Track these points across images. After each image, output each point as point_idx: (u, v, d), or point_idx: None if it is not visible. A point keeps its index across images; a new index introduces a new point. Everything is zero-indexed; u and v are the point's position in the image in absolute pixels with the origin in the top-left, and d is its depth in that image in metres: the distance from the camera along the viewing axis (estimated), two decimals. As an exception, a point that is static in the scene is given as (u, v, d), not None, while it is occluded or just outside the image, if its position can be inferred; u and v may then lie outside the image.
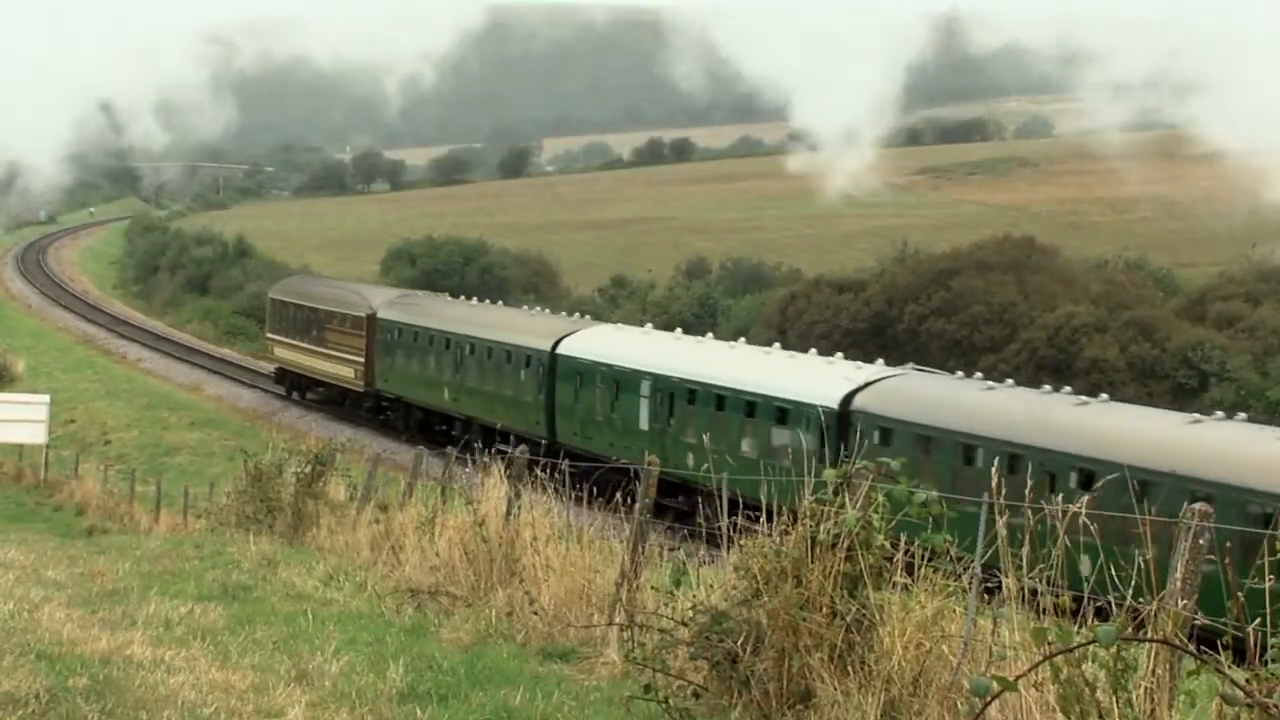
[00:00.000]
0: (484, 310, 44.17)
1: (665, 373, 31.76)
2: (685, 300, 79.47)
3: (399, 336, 43.61)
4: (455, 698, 7.28)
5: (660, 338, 36.42)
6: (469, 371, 39.89)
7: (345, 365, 46.09)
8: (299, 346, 49.60)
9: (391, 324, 44.13)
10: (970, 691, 4.88)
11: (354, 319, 45.78)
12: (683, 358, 32.47)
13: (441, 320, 42.39)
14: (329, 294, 50.00)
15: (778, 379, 29.28)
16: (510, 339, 38.27)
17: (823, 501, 6.97)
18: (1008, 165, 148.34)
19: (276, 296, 53.58)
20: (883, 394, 27.02)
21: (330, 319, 47.36)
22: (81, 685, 6.89)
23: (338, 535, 15.08)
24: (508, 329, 39.20)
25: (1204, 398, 51.61)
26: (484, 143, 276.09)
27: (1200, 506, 5.58)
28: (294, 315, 50.41)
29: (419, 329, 42.70)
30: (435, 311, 44.09)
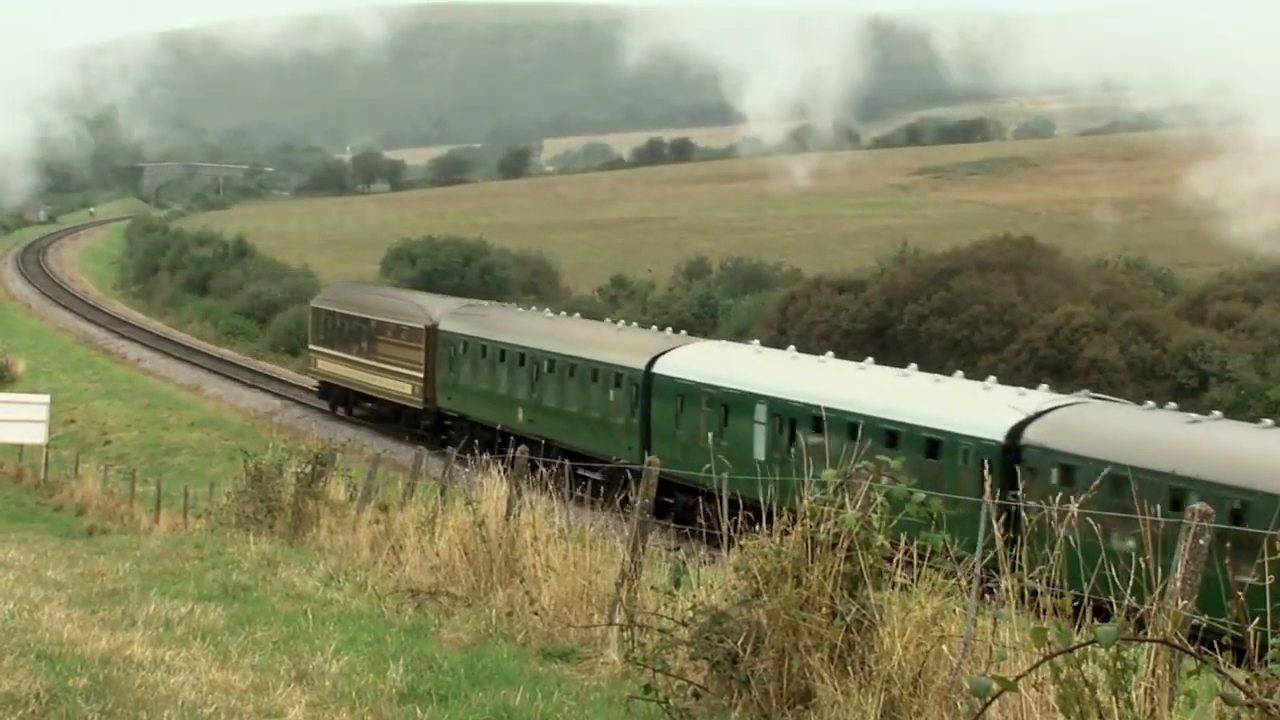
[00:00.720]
0: (564, 323, 41.05)
1: (785, 396, 28.46)
2: (685, 300, 79.49)
3: (464, 350, 40.37)
4: (455, 698, 7.28)
5: (775, 356, 32.91)
6: (547, 390, 36.66)
7: (401, 380, 43.15)
8: (347, 359, 46.54)
9: (455, 337, 40.89)
10: (970, 691, 4.88)
11: (411, 331, 42.75)
12: (805, 379, 29.14)
13: (515, 333, 39.11)
14: (381, 303, 46.92)
15: (926, 405, 26.05)
16: (597, 355, 35.06)
17: (822, 501, 6.97)
18: (1008, 165, 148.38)
19: (321, 306, 50.30)
20: (1061, 425, 23.69)
21: (383, 330, 44.40)
22: (81, 685, 6.89)
23: (338, 535, 15.09)
24: (594, 345, 36.07)
25: (1204, 398, 51.63)
26: (484, 143, 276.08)
27: (1200, 506, 5.58)
28: (340, 326, 47.34)
29: (488, 342, 39.49)
30: (506, 324, 40.78)
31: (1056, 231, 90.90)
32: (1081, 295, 62.79)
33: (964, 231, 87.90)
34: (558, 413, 36.17)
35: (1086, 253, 78.47)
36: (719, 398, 30.21)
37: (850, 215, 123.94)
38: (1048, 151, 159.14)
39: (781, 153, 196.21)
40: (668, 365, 32.48)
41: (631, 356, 33.84)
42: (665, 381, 32.13)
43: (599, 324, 41.07)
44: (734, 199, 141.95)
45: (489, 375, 39.10)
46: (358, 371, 45.75)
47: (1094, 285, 65.33)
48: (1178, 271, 75.90)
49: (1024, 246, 69.64)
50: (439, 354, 41.34)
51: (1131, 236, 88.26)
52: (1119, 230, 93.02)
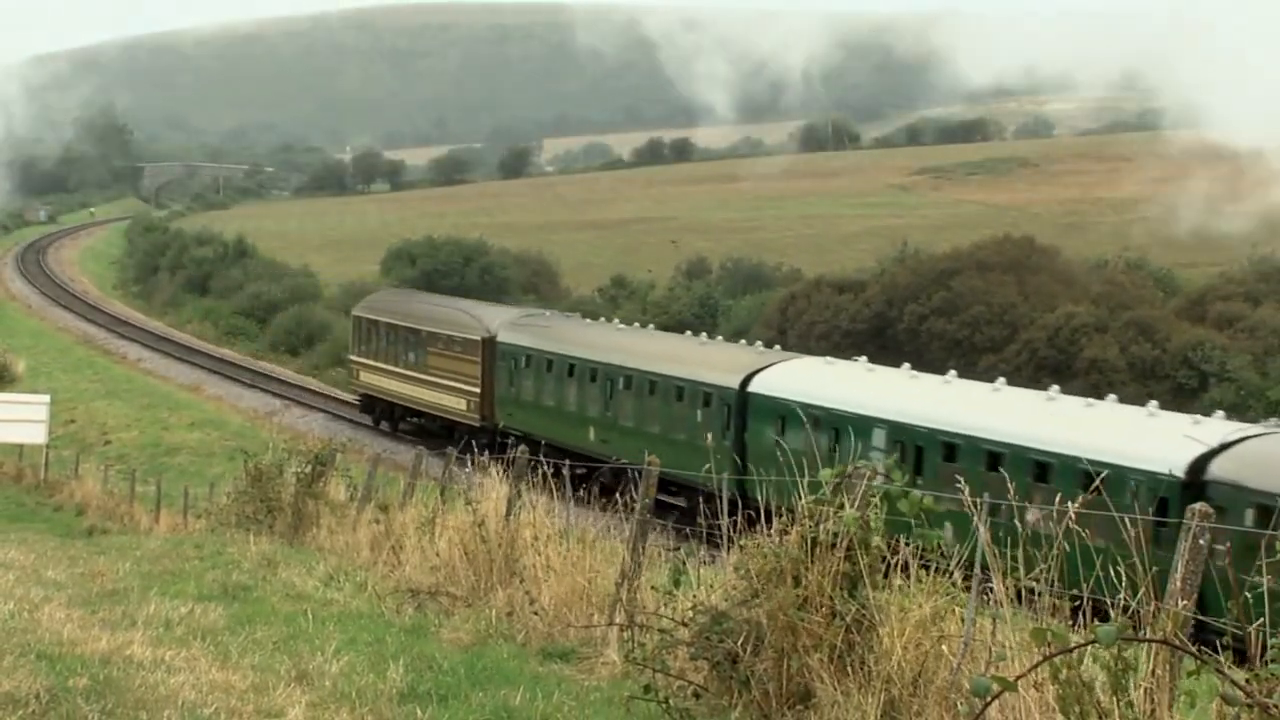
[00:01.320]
0: (642, 336, 38.11)
1: (908, 420, 25.67)
2: (685, 300, 79.53)
3: (526, 364, 37.60)
4: (455, 698, 7.28)
5: (892, 375, 29.67)
6: (623, 408, 33.85)
7: (455, 395, 40.45)
8: (393, 372, 43.95)
9: (516, 349, 38.20)
10: (970, 691, 4.88)
11: (466, 342, 40.13)
12: (930, 400, 26.35)
13: (586, 346, 36.36)
14: (432, 313, 44.00)
15: (1083, 434, 22.97)
16: (683, 372, 32.26)
17: (821, 502, 6.97)
18: (1008, 165, 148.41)
19: (363, 315, 47.51)
20: (1257, 460, 20.83)
21: (434, 341, 41.76)
22: (81, 685, 6.89)
23: (338, 535, 15.09)
24: (677, 360, 33.27)
25: (1204, 398, 51.65)
26: (484, 143, 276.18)
27: (1200, 507, 5.59)
28: (386, 336, 44.69)
29: (554, 356, 36.64)
30: (574, 335, 37.98)
31: (1056, 231, 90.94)
32: (1081, 295, 62.83)
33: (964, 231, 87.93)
34: (636, 433, 32.93)
35: (1086, 253, 78.50)
36: (828, 420, 27.07)
37: (850, 215, 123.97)
38: (1048, 151, 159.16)
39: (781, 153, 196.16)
40: (766, 383, 29.67)
41: (723, 373, 31.12)
42: (763, 401, 29.23)
43: (681, 338, 38.43)
44: (734, 199, 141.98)
45: (556, 391, 36.40)
46: (405, 385, 43.23)
47: (1094, 285, 65.36)
48: (1178, 271, 75.92)
49: (1024, 246, 69.66)
50: (498, 368, 38.68)
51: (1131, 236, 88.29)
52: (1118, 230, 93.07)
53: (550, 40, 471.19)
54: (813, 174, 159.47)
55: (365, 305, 49.40)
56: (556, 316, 43.19)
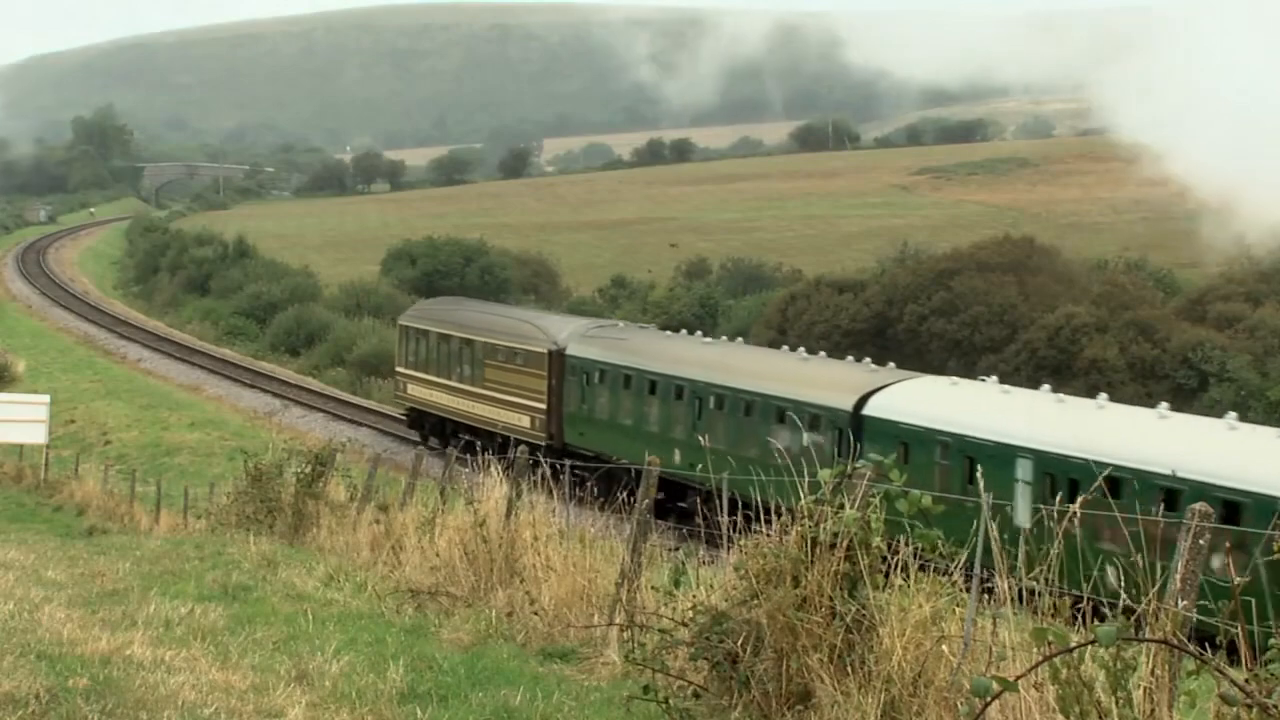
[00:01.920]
0: (734, 351, 34.78)
1: (1059, 449, 22.46)
2: (685, 300, 79.59)
3: (600, 379, 34.75)
4: (455, 698, 7.28)
5: (1033, 397, 26.28)
6: (714, 430, 29.80)
7: (517, 412, 37.51)
8: (445, 385, 41.12)
9: (589, 363, 35.30)
10: (970, 691, 4.88)
11: (530, 355, 37.15)
12: (1084, 427, 23.14)
13: (670, 361, 33.37)
14: (490, 323, 41.21)
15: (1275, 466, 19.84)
16: (785, 391, 29.28)
17: (821, 502, 6.98)
18: (1007, 165, 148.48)
19: (411, 324, 44.71)
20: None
21: (493, 354, 38.87)
22: (81, 685, 6.89)
23: (338, 535, 15.09)
24: (778, 378, 30.42)
25: (1204, 398, 51.67)
26: (484, 143, 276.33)
27: (1200, 506, 5.59)
28: (437, 347, 42.05)
29: (633, 371, 33.75)
30: (654, 349, 34.94)
31: (1056, 231, 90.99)
32: (1082, 295, 62.88)
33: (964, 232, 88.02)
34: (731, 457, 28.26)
35: (1086, 253, 78.56)
36: (959, 447, 24.47)
37: (850, 216, 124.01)
38: (1048, 151, 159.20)
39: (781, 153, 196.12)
40: (885, 405, 26.79)
41: (834, 393, 28.31)
42: (882, 425, 26.26)
43: (779, 353, 35.09)
44: (734, 199, 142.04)
45: (636, 409, 33.45)
46: (459, 399, 40.28)
47: (1094, 286, 65.41)
48: (1178, 271, 75.97)
49: (1024, 247, 69.73)
50: (567, 383, 35.82)
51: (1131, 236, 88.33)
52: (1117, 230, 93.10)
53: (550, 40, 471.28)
54: (813, 174, 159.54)
55: (414, 314, 46.49)
56: (631, 328, 40.02)
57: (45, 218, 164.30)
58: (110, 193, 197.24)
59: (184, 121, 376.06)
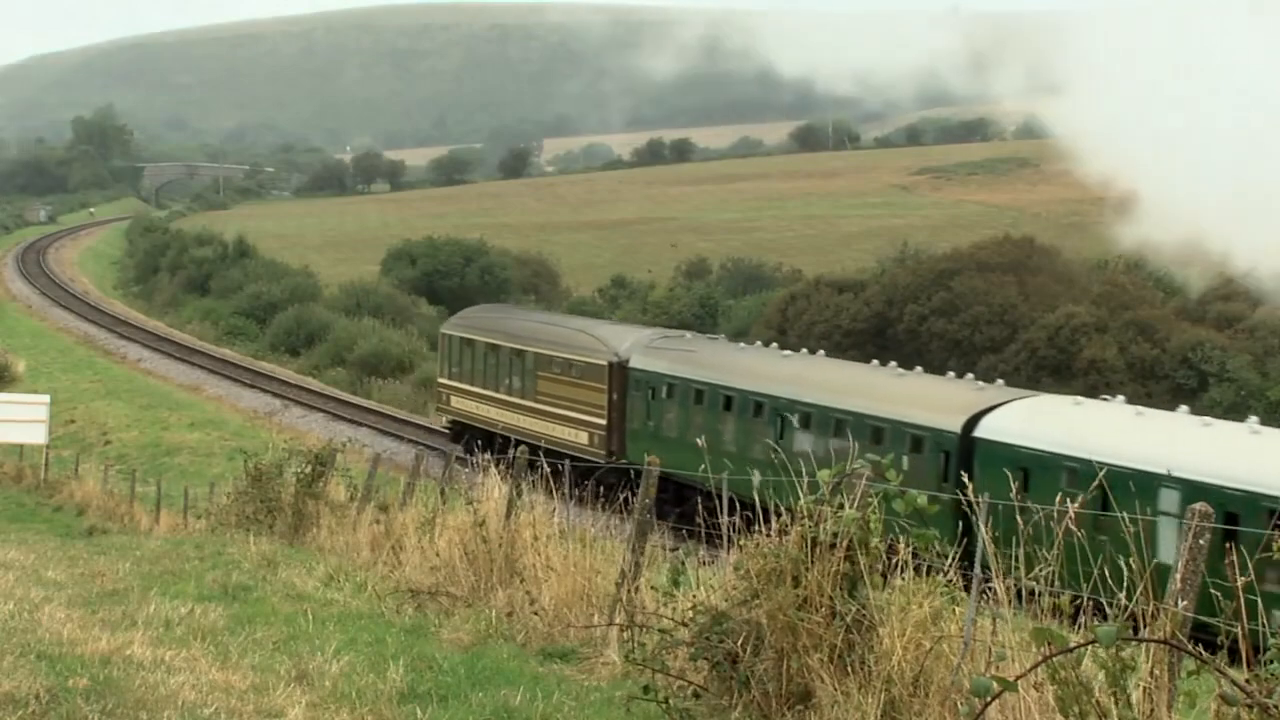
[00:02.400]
0: (818, 364, 32.00)
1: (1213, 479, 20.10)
2: (685, 300, 79.62)
3: (668, 394, 32.51)
4: (455, 698, 7.28)
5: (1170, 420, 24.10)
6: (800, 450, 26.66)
7: (573, 427, 35.37)
8: (493, 398, 39.05)
9: (654, 376, 33.06)
10: (970, 691, 4.88)
11: (589, 367, 34.99)
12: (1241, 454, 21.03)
13: (747, 376, 30.98)
14: (543, 332, 39.07)
15: None
16: (882, 410, 26.94)
17: (820, 502, 6.98)
18: (1007, 165, 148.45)
19: (455, 333, 42.52)
20: None
21: (547, 365, 36.82)
22: (81, 685, 6.89)
23: (338, 535, 15.08)
24: (873, 395, 27.94)
25: (1204, 398, 51.67)
26: (484, 143, 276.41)
27: (1200, 506, 5.59)
28: (484, 358, 39.92)
29: (706, 386, 31.49)
30: (728, 362, 32.57)
31: (1057, 231, 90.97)
32: (1082, 295, 62.88)
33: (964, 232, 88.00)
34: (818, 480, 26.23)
35: (1086, 253, 78.54)
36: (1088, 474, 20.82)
37: (850, 216, 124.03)
38: (1048, 152, 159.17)
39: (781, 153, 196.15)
40: (1000, 427, 24.45)
41: (939, 413, 25.97)
42: (996, 449, 23.74)
43: (870, 368, 31.88)
44: (734, 199, 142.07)
45: (709, 427, 30.63)
46: (508, 413, 38.11)
47: (1094, 285, 65.41)
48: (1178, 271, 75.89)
49: (1024, 247, 69.74)
50: (630, 397, 33.71)
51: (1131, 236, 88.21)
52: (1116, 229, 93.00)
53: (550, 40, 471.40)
54: (813, 174, 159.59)
55: (458, 323, 44.16)
56: (699, 339, 37.41)
57: (45, 218, 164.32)
58: (110, 193, 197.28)
59: (184, 121, 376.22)
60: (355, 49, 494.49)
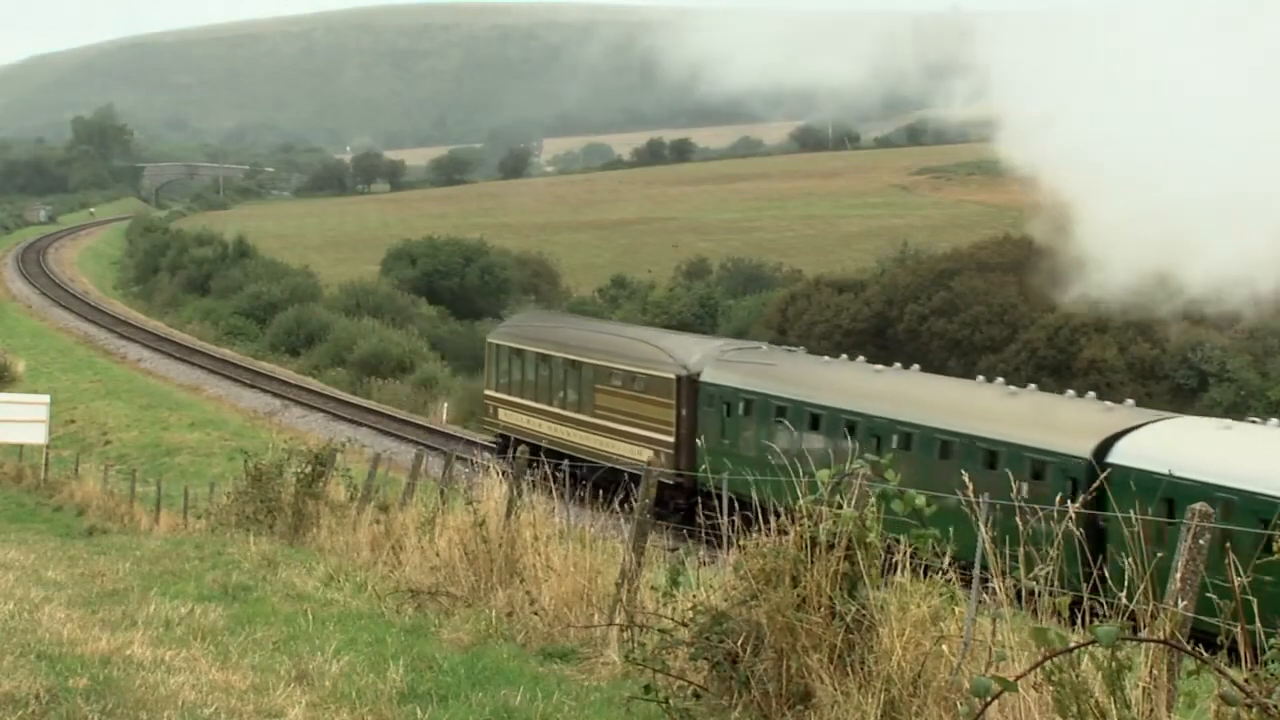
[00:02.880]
0: (916, 380, 29.78)
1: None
2: (685, 300, 79.63)
3: (746, 410, 30.34)
4: (455, 698, 7.28)
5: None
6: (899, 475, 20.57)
7: (636, 444, 32.95)
8: (546, 412, 36.95)
9: (729, 391, 30.88)
10: (970, 691, 4.89)
11: (654, 380, 32.83)
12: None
13: (838, 392, 28.63)
14: (601, 342, 36.65)
15: None
16: (996, 431, 24.63)
17: (820, 502, 6.98)
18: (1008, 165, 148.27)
19: (503, 343, 40.28)
20: None
21: (607, 378, 34.59)
22: (81, 685, 6.89)
23: (338, 535, 15.08)
24: (983, 415, 25.60)
25: (1204, 398, 51.67)
26: (484, 143, 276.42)
27: (1200, 506, 5.59)
28: (535, 369, 37.95)
29: (788, 402, 29.21)
30: (814, 377, 30.28)
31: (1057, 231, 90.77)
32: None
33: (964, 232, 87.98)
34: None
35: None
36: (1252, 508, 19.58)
37: (851, 216, 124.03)
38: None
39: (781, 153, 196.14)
40: (1140, 453, 22.24)
41: (1064, 436, 23.73)
42: (1136, 477, 21.33)
43: (977, 384, 29.10)
44: (734, 199, 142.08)
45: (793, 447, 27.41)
46: (563, 428, 36.08)
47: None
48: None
49: (1024, 247, 69.71)
50: (703, 413, 31.50)
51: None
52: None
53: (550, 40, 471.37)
54: (813, 174, 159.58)
55: (507, 331, 41.84)
56: (775, 351, 34.93)
57: (45, 218, 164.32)
58: (110, 193, 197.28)
59: (184, 121, 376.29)
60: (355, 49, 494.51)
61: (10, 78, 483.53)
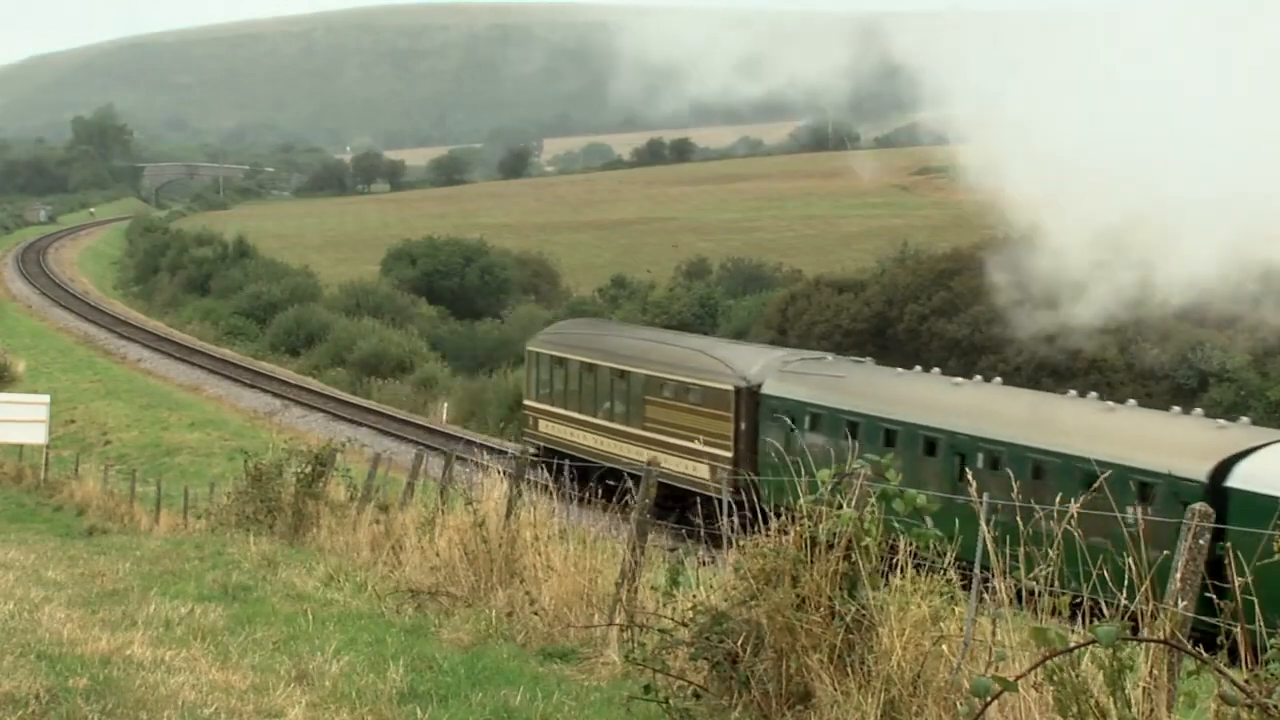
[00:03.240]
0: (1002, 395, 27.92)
1: None
2: (685, 301, 79.61)
3: (813, 425, 28.56)
4: (455, 698, 7.28)
5: None
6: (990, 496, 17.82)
7: (691, 459, 31.08)
8: (588, 424, 35.36)
9: (794, 406, 29.10)
10: (970, 691, 4.89)
11: (710, 392, 31.14)
12: None
13: (915, 407, 26.92)
14: (650, 351, 34.91)
15: None
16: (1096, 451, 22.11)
17: (820, 502, 6.98)
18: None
19: (544, 350, 38.37)
20: None
21: (656, 389, 32.95)
22: (81, 685, 6.89)
23: (338, 535, 15.08)
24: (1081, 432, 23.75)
25: (1204, 398, 51.65)
26: (484, 143, 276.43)
27: (1200, 507, 5.59)
28: (579, 379, 36.16)
29: (860, 417, 27.38)
30: (888, 390, 28.48)
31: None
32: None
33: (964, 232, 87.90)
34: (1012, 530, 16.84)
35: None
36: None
37: (851, 216, 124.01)
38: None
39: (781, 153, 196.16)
40: (1263, 476, 20.52)
41: (1175, 456, 21.99)
42: (1264, 503, 19.10)
43: (1067, 399, 27.12)
44: (734, 199, 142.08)
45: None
46: (609, 440, 34.26)
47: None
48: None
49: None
50: (764, 427, 29.76)
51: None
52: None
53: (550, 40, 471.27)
54: (813, 174, 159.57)
55: (548, 338, 39.75)
56: (842, 362, 32.41)
57: (45, 218, 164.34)
58: (110, 193, 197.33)
59: (184, 121, 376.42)
60: (355, 49, 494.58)
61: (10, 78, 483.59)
